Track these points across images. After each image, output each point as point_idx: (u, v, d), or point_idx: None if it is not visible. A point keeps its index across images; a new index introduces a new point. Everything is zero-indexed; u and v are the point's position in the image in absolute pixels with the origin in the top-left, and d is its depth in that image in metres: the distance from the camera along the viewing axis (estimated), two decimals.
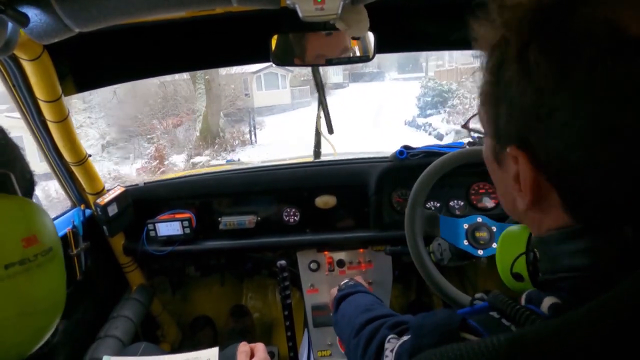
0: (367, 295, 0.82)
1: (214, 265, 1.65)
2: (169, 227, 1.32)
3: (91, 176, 1.21)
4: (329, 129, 1.45)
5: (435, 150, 1.27)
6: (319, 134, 1.49)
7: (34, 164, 0.51)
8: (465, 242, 0.98)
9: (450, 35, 1.09)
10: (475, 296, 0.43)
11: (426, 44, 1.21)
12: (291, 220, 1.37)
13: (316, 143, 1.52)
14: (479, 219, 1.00)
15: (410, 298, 1.73)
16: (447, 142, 1.41)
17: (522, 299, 0.36)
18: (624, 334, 0.24)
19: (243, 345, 0.76)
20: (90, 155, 1.18)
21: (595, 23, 0.29)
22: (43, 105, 1.00)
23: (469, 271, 1.65)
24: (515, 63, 0.33)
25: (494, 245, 0.97)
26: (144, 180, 1.44)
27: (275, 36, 0.99)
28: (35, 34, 0.67)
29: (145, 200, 1.38)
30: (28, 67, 0.92)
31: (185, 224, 1.32)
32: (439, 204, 1.32)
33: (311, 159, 1.53)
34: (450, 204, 1.32)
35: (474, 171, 1.28)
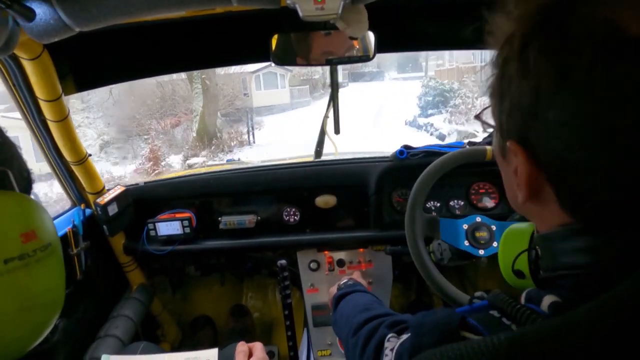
0: (366, 295, 0.82)
1: (214, 264, 1.65)
2: (169, 227, 1.32)
3: (91, 175, 1.21)
4: (336, 129, 1.44)
5: (435, 150, 1.27)
6: (324, 133, 1.49)
7: (30, 164, 0.51)
8: (466, 243, 0.98)
9: (450, 35, 1.09)
10: (475, 294, 0.43)
11: (426, 43, 1.21)
12: (291, 220, 1.37)
13: (319, 142, 1.51)
14: (478, 219, 1.00)
15: (410, 298, 1.73)
16: (448, 142, 1.41)
17: (522, 297, 0.36)
18: (623, 334, 0.24)
19: (241, 345, 0.76)
20: (90, 155, 1.18)
21: (596, 23, 0.29)
22: (43, 104, 1.00)
23: (469, 271, 1.65)
24: (516, 61, 0.33)
25: (495, 244, 0.97)
26: (144, 180, 1.44)
27: (275, 36, 0.99)
28: (35, 33, 0.67)
29: (146, 200, 1.38)
30: (28, 67, 0.92)
31: (185, 223, 1.32)
32: (439, 204, 1.32)
33: (311, 159, 1.52)
34: (450, 203, 1.32)
35: (474, 171, 1.28)
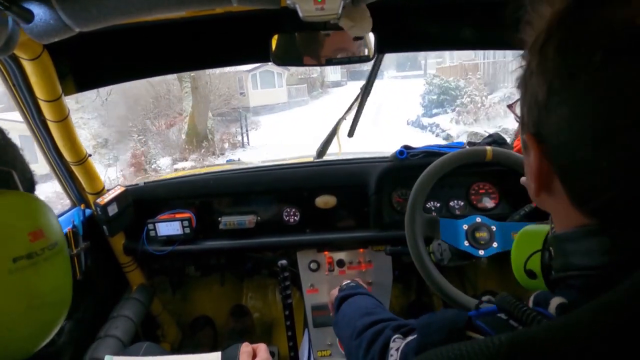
0: (368, 298, 0.82)
1: (214, 265, 1.64)
2: (169, 227, 1.32)
3: (91, 176, 1.21)
4: (350, 132, 1.44)
5: (435, 150, 1.27)
6: (334, 134, 1.48)
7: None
8: (466, 243, 0.98)
9: (451, 35, 1.09)
10: (482, 299, 0.43)
11: (427, 43, 1.20)
12: (291, 220, 1.37)
13: (326, 142, 1.50)
14: (478, 219, 1.00)
15: (410, 298, 1.73)
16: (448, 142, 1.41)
17: (530, 301, 0.36)
18: (623, 334, 0.24)
19: (245, 346, 0.76)
20: (90, 155, 1.18)
21: (603, 25, 0.30)
22: (43, 104, 1.00)
23: (469, 271, 1.65)
24: (537, 55, 0.34)
25: (495, 244, 0.98)
26: (144, 180, 1.44)
27: (275, 36, 0.99)
28: (35, 33, 0.67)
29: (145, 200, 1.38)
30: (28, 67, 0.92)
31: (185, 223, 1.32)
32: (439, 204, 1.32)
33: (311, 159, 1.52)
34: (450, 204, 1.32)
35: (474, 171, 1.28)
